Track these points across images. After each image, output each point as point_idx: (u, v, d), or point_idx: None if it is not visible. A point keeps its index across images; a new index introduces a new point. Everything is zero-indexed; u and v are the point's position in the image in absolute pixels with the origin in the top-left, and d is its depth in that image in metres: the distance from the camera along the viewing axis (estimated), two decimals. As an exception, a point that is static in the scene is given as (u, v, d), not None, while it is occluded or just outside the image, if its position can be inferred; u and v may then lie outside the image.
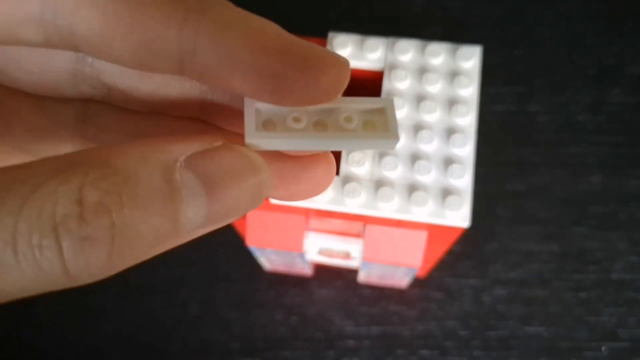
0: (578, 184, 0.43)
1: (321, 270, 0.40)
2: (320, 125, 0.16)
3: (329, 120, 0.16)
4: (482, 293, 0.40)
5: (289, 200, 0.18)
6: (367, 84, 0.30)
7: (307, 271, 0.39)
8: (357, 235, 0.31)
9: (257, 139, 0.15)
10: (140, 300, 0.40)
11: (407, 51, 0.29)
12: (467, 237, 0.41)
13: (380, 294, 0.40)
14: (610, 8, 0.48)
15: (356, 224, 0.29)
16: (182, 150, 0.14)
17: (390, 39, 0.30)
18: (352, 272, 0.41)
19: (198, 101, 0.18)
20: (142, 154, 0.13)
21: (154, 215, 0.13)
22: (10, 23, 0.15)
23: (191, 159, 0.14)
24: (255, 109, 0.15)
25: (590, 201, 0.42)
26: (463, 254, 0.41)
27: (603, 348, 0.39)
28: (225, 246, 0.41)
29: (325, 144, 0.16)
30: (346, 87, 0.16)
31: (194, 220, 0.14)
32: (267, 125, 0.16)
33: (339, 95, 0.15)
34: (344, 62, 0.15)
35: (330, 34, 0.30)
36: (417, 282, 0.40)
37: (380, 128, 0.16)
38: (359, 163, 0.27)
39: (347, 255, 0.33)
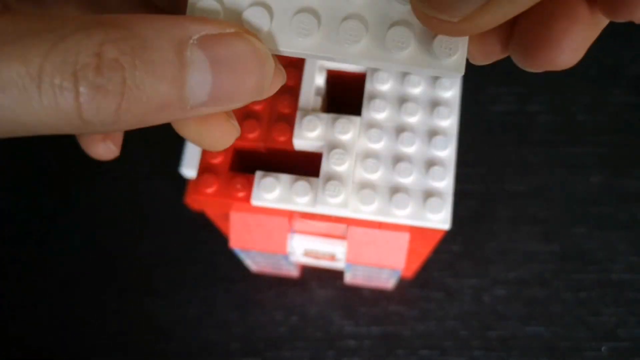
0: (578, 184, 0.43)
1: (321, 269, 0.41)
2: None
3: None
4: (482, 293, 0.40)
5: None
6: (351, 86, 0.30)
7: (294, 273, 0.40)
8: (341, 237, 0.31)
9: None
10: (140, 300, 0.41)
11: None
12: (467, 237, 0.42)
13: (380, 294, 0.40)
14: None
15: (340, 226, 0.29)
16: (197, 29, 0.15)
17: None
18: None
19: None
20: (161, 26, 0.15)
21: (162, 82, 0.15)
22: None
23: (204, 39, 0.15)
24: None
25: (590, 201, 0.42)
26: (463, 254, 0.41)
27: (603, 348, 0.39)
28: (225, 246, 0.41)
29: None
30: (332, 89, 0.16)
31: (198, 96, 0.15)
32: None
33: None
34: None
35: None
36: (417, 282, 0.41)
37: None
38: (341, 161, 0.27)
39: (332, 257, 0.33)
